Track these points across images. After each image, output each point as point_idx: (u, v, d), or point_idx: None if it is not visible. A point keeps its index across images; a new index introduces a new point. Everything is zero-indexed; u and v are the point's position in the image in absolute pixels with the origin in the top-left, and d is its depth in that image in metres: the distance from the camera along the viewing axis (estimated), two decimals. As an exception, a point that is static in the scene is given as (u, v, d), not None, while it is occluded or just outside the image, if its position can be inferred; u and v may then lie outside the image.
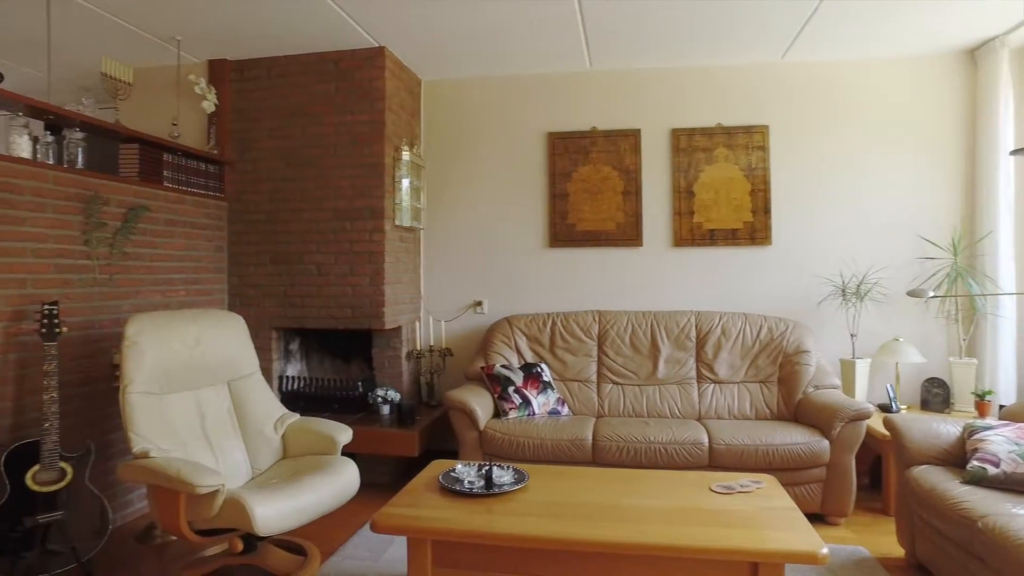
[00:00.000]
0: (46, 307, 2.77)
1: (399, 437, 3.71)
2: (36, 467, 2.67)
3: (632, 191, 4.40)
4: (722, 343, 3.99)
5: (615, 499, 2.38)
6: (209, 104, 4.11)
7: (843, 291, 4.11)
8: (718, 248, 4.33)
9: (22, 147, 2.94)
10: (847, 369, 3.99)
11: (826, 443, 3.30)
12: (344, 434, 3.03)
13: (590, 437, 3.48)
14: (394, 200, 4.14)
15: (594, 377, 4.09)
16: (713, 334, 4.01)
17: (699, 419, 3.82)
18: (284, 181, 4.18)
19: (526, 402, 3.77)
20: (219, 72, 4.27)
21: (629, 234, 4.40)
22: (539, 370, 3.95)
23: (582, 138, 4.46)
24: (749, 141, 4.28)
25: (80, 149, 3.27)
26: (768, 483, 2.56)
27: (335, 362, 4.55)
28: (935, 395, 3.87)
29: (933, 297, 3.85)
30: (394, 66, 4.16)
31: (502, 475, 2.53)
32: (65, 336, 3.10)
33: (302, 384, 4.27)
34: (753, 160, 4.28)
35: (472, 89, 4.61)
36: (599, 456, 3.44)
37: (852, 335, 4.09)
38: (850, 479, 3.29)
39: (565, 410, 3.90)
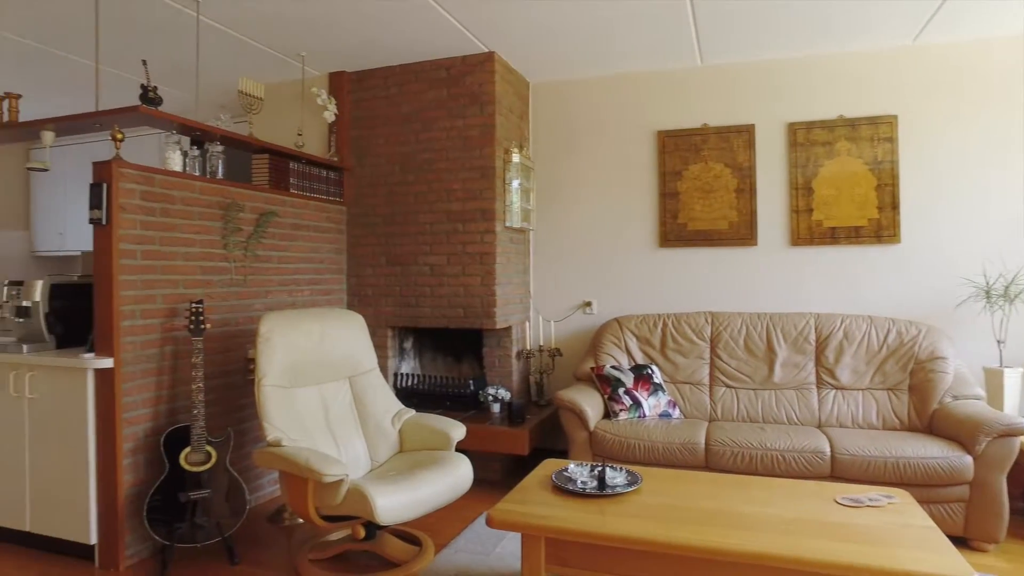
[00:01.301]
0: (193, 305, 3.04)
1: (509, 435, 3.78)
2: (187, 449, 2.94)
3: (746, 189, 4.25)
4: (844, 347, 3.77)
5: (731, 505, 2.31)
6: (330, 114, 4.35)
7: (987, 292, 3.77)
8: (839, 247, 4.09)
9: (175, 161, 3.25)
10: (993, 379, 3.65)
11: (969, 459, 3.03)
12: (458, 431, 3.12)
13: (703, 441, 3.39)
14: (504, 202, 4.22)
15: (706, 380, 3.98)
16: (835, 337, 3.80)
17: (819, 426, 3.63)
18: (399, 185, 4.36)
19: (636, 404, 3.73)
20: (338, 84, 4.52)
21: (743, 233, 4.25)
22: (650, 371, 3.90)
23: (693, 135, 4.35)
24: (875, 133, 4.02)
25: (220, 161, 3.56)
26: (902, 498, 2.39)
27: (447, 360, 4.69)
28: (1099, 409, 3.48)
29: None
30: (503, 70, 4.23)
31: (615, 476, 2.52)
32: (208, 332, 3.39)
33: (415, 381, 4.43)
34: (879, 153, 4.01)
35: (580, 89, 4.61)
36: (712, 461, 3.35)
37: (999, 341, 3.74)
38: (1000, 501, 3.00)
39: (676, 413, 3.82)
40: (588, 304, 4.59)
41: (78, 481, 2.97)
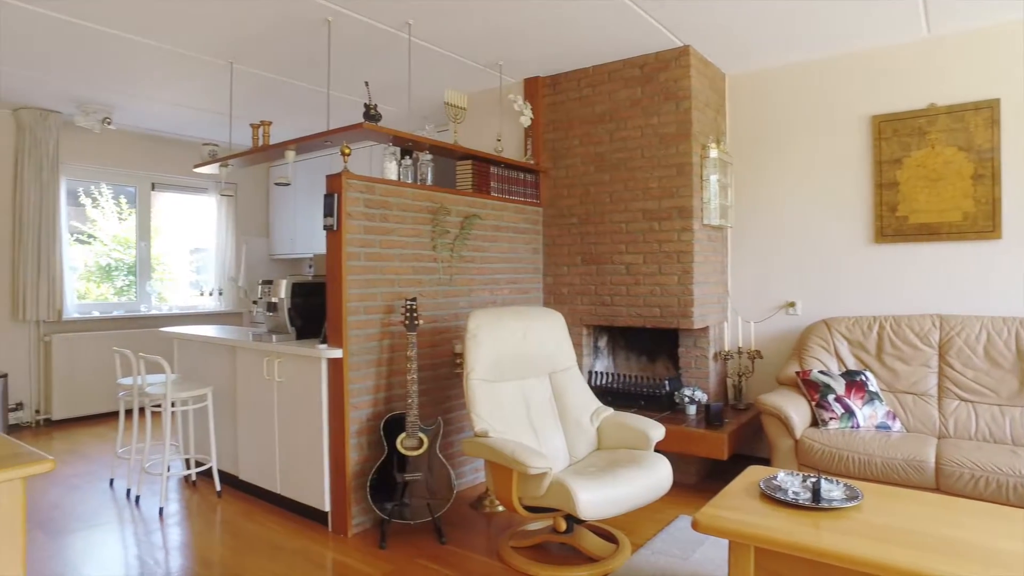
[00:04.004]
0: (408, 302, 3.32)
1: (706, 438, 3.66)
2: (403, 434, 3.23)
3: (986, 174, 3.72)
4: (1124, 359, 3.16)
5: (976, 537, 2.03)
6: (526, 119, 4.50)
7: None
8: (1116, 239, 3.44)
9: (391, 171, 3.58)
10: None
11: None
12: (657, 431, 3.09)
13: (932, 459, 3.04)
14: (702, 199, 4.09)
15: (934, 391, 3.56)
16: (1110, 347, 3.20)
17: (1089, 452, 3.08)
18: (594, 185, 4.41)
19: (849, 412, 3.43)
20: (533, 89, 4.67)
21: (981, 225, 3.73)
22: (864, 378, 3.57)
23: (916, 118, 3.90)
24: None
25: (429, 169, 3.85)
26: None
27: (640, 360, 4.66)
28: None
29: None
30: (698, 63, 4.11)
31: (831, 489, 2.35)
32: (419, 327, 3.68)
33: (609, 379, 4.46)
34: None
35: (781, 78, 4.34)
36: (944, 483, 2.98)
37: None
38: None
39: (896, 425, 3.46)
40: (791, 304, 4.30)
41: (314, 455, 3.38)
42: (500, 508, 3.60)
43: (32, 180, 5.55)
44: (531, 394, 3.30)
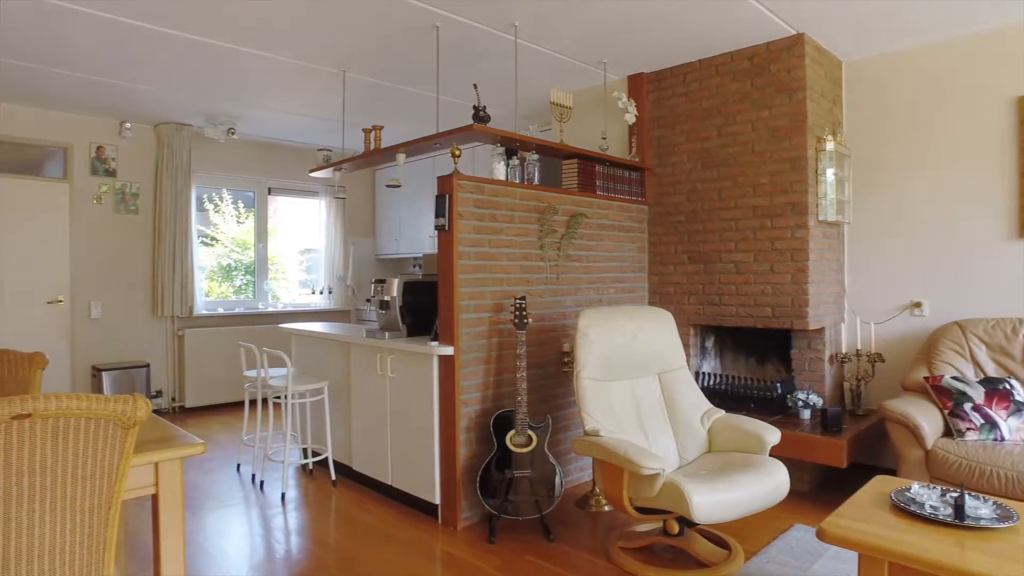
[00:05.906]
0: (517, 301, 3.36)
1: (824, 444, 3.49)
2: (512, 432, 3.27)
3: None
4: None
5: None
6: (630, 116, 4.45)
7: None
8: None
9: (499, 171, 3.64)
10: None
11: None
12: (772, 435, 2.98)
13: (1092, 477, 2.76)
14: (817, 194, 3.90)
15: (1090, 401, 3.22)
16: None
17: None
18: (701, 182, 4.30)
19: (990, 424, 3.17)
20: (637, 85, 4.61)
21: None
22: (1008, 387, 3.29)
23: (1069, 99, 3.55)
24: None
25: (536, 168, 3.88)
26: None
27: (749, 361, 4.50)
28: None
29: None
30: (813, 51, 3.92)
31: (979, 507, 2.17)
32: (528, 325, 3.72)
33: (717, 381, 4.33)
34: None
35: (905, 62, 4.06)
36: (1107, 503, 2.70)
37: None
38: None
39: (1047, 439, 3.16)
40: (917, 305, 4.02)
41: (425, 449, 3.49)
42: (607, 507, 3.58)
43: (169, 188, 6.04)
44: (641, 394, 3.26)
